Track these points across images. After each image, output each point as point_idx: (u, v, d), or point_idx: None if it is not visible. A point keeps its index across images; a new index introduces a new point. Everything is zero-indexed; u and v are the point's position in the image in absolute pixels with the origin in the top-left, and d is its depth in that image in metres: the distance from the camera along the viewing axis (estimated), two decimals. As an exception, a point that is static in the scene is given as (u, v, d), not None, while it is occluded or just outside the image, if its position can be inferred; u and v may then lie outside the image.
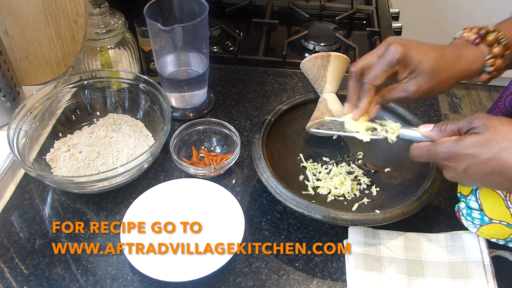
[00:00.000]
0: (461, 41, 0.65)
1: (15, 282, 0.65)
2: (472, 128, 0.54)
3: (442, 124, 0.58)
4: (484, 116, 0.54)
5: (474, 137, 0.53)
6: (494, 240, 0.62)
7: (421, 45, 0.62)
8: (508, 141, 0.51)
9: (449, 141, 0.55)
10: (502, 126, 0.52)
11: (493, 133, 0.52)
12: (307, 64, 0.80)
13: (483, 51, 0.63)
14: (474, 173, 0.54)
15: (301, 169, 0.78)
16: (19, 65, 0.87)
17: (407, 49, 0.60)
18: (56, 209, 0.74)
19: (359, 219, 0.63)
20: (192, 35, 0.80)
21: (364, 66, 0.63)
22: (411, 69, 0.61)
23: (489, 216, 0.60)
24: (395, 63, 0.60)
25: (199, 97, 0.89)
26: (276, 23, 1.13)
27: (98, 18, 0.85)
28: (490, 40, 0.63)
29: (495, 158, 0.51)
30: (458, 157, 0.54)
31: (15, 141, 0.72)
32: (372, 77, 0.62)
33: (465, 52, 0.63)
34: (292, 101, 0.80)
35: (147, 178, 0.78)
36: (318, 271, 0.66)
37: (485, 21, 0.69)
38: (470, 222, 0.63)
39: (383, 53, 0.61)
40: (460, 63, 0.62)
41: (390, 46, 0.61)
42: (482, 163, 0.52)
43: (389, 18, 1.18)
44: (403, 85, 0.62)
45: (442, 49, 0.63)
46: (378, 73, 0.61)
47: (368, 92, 0.63)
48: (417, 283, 0.62)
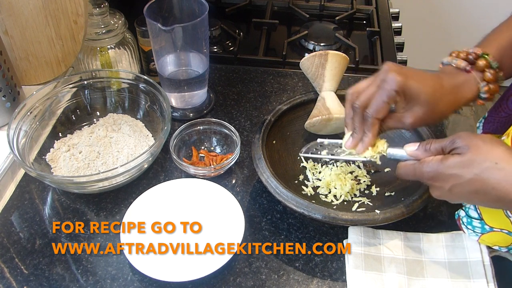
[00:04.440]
0: (452, 68, 0.63)
1: (15, 282, 0.65)
2: (455, 148, 0.54)
3: (427, 143, 0.57)
4: (466, 135, 0.54)
5: (457, 157, 0.53)
6: (497, 247, 0.62)
7: (419, 74, 0.60)
8: (489, 162, 0.51)
9: (433, 161, 0.55)
10: (484, 145, 0.52)
11: (475, 154, 0.52)
12: (306, 63, 0.80)
13: (476, 78, 0.61)
14: (459, 192, 0.54)
15: (301, 169, 0.78)
16: (19, 65, 0.87)
17: (406, 79, 0.58)
18: (56, 209, 0.74)
19: (359, 219, 0.63)
20: (192, 35, 0.80)
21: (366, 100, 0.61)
22: (409, 100, 0.59)
23: (489, 225, 0.60)
24: (395, 95, 0.59)
25: (199, 97, 0.89)
26: (276, 23, 1.13)
27: (98, 18, 0.85)
28: (481, 66, 0.61)
29: (477, 178, 0.51)
30: (443, 177, 0.54)
31: (15, 141, 0.72)
32: (374, 111, 0.60)
33: (460, 82, 0.62)
34: (292, 101, 0.80)
35: (147, 178, 0.78)
36: (318, 271, 0.66)
37: (485, 21, 0.68)
38: (471, 230, 0.63)
39: (382, 84, 0.59)
40: (456, 94, 0.61)
41: (388, 75, 0.59)
42: (466, 183, 0.52)
43: (389, 18, 1.17)
44: (399, 115, 0.61)
45: (440, 79, 0.61)
46: (380, 106, 0.60)
47: (373, 126, 0.61)
48: (417, 283, 0.62)
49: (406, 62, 1.09)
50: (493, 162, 0.51)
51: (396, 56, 1.06)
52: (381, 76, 0.60)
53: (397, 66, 0.60)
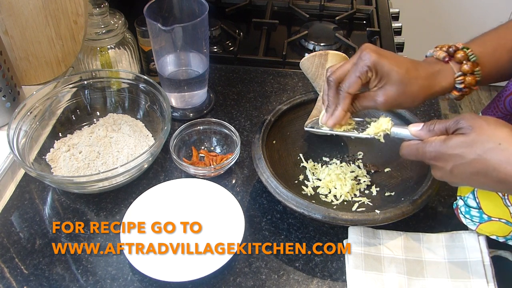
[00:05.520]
0: (432, 59, 0.65)
1: (15, 282, 0.65)
2: (459, 129, 0.54)
3: (431, 124, 0.58)
4: (470, 116, 0.54)
5: (460, 137, 0.53)
6: (494, 237, 0.62)
7: (395, 56, 0.62)
8: (492, 143, 0.51)
9: (436, 141, 0.56)
10: (487, 126, 0.52)
11: (478, 134, 0.52)
12: (306, 63, 0.80)
13: (453, 68, 0.63)
14: (460, 173, 0.54)
15: (301, 169, 0.78)
16: (19, 65, 0.87)
17: (380, 57, 0.60)
18: (56, 209, 0.74)
19: (359, 219, 0.63)
20: (192, 35, 0.80)
21: (341, 74, 0.63)
22: (381, 77, 0.60)
23: (487, 214, 0.60)
24: (367, 70, 0.60)
25: (199, 97, 0.89)
26: (276, 23, 1.13)
27: (98, 18, 0.85)
28: (459, 58, 0.62)
29: (480, 159, 0.52)
30: (445, 157, 0.55)
31: (15, 141, 0.72)
32: (346, 85, 0.62)
33: (436, 69, 0.63)
34: (292, 101, 0.80)
35: (147, 178, 0.78)
36: (318, 271, 0.66)
37: (484, 21, 0.68)
38: (469, 220, 0.63)
39: (357, 61, 0.61)
40: (431, 80, 0.62)
41: (362, 52, 0.60)
42: (467, 163, 0.53)
43: (389, 18, 1.18)
44: (372, 93, 0.62)
45: (415, 63, 0.62)
46: (352, 81, 0.61)
47: (343, 100, 0.63)
48: (417, 283, 0.62)
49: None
50: (497, 143, 0.51)
51: (396, 56, 1.06)
52: (357, 54, 0.62)
53: (374, 46, 0.61)
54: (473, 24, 2.07)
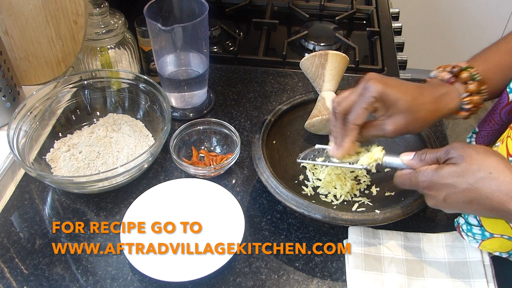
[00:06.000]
0: (437, 81, 0.65)
1: (15, 282, 0.65)
2: (450, 158, 0.55)
3: (422, 153, 0.58)
4: (460, 145, 0.55)
5: (451, 167, 0.54)
6: (497, 253, 0.62)
7: (400, 84, 0.62)
8: (483, 172, 0.51)
9: (428, 170, 0.56)
10: (477, 155, 0.53)
11: (469, 163, 0.52)
12: (306, 63, 0.80)
13: (458, 89, 0.63)
14: (454, 202, 0.55)
15: (301, 169, 0.78)
16: (19, 65, 0.87)
17: (385, 86, 0.60)
18: (56, 209, 0.74)
19: (359, 219, 0.63)
20: (192, 35, 0.80)
21: (347, 106, 0.63)
22: (388, 107, 0.60)
23: (489, 231, 0.60)
24: (373, 101, 0.60)
25: (199, 97, 0.89)
26: (276, 23, 1.13)
27: (98, 18, 0.85)
28: (464, 78, 0.63)
29: (471, 188, 0.52)
30: (437, 186, 0.55)
31: (15, 141, 0.72)
32: (353, 117, 0.62)
33: (442, 92, 0.63)
34: (292, 101, 0.80)
35: (147, 178, 0.78)
36: (318, 271, 0.66)
37: (484, 21, 0.68)
38: (471, 237, 0.63)
39: (362, 91, 0.61)
40: (437, 103, 0.62)
41: (368, 83, 0.60)
42: (460, 193, 0.53)
43: (389, 18, 1.18)
44: (380, 123, 0.62)
45: (421, 88, 0.62)
46: (358, 112, 0.61)
47: (351, 132, 0.63)
48: (417, 283, 0.62)
49: (406, 62, 1.09)
50: (487, 172, 0.51)
51: (396, 56, 1.06)
52: (362, 85, 0.61)
53: (379, 76, 0.61)
54: (473, 25, 2.07)
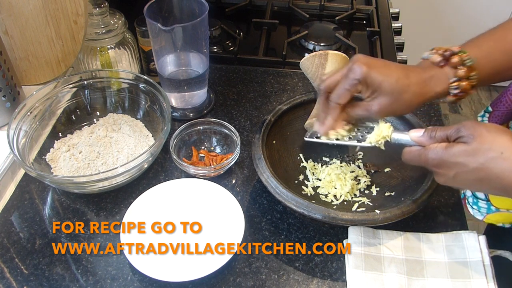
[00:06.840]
0: (428, 63, 0.64)
1: (15, 282, 0.65)
2: (460, 137, 0.54)
3: (432, 131, 0.58)
4: (471, 124, 0.54)
5: (462, 146, 0.53)
6: (500, 224, 0.62)
7: (386, 65, 0.62)
8: (494, 152, 0.51)
9: (438, 148, 0.56)
10: (488, 134, 0.52)
11: (480, 142, 0.52)
12: (306, 63, 0.80)
13: (448, 73, 0.62)
14: (464, 180, 0.55)
15: (301, 169, 0.78)
16: (19, 65, 0.87)
17: (370, 69, 0.60)
18: (56, 209, 0.74)
19: (359, 219, 0.63)
20: (192, 35, 0.80)
21: (331, 85, 0.64)
22: (373, 89, 0.61)
23: (496, 206, 0.60)
24: (356, 83, 0.60)
25: (199, 97, 0.89)
26: (276, 23, 1.13)
27: (98, 18, 0.85)
28: (454, 62, 0.62)
29: (482, 167, 0.52)
30: (447, 165, 0.55)
31: (15, 141, 0.72)
32: (335, 96, 0.63)
33: (429, 75, 0.62)
34: (292, 101, 0.80)
35: (147, 178, 0.78)
36: (318, 271, 0.66)
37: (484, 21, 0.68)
38: (476, 210, 0.63)
39: (347, 72, 0.61)
40: (424, 86, 0.62)
41: (353, 65, 0.60)
42: (470, 171, 0.53)
43: (389, 18, 1.18)
44: (366, 103, 0.62)
45: (407, 70, 0.62)
46: (341, 92, 0.62)
47: (332, 110, 0.64)
48: (417, 283, 0.62)
49: (406, 62, 1.09)
50: (499, 152, 0.51)
51: (396, 56, 1.06)
52: (348, 65, 0.62)
53: (365, 57, 0.61)
54: (473, 24, 2.07)
